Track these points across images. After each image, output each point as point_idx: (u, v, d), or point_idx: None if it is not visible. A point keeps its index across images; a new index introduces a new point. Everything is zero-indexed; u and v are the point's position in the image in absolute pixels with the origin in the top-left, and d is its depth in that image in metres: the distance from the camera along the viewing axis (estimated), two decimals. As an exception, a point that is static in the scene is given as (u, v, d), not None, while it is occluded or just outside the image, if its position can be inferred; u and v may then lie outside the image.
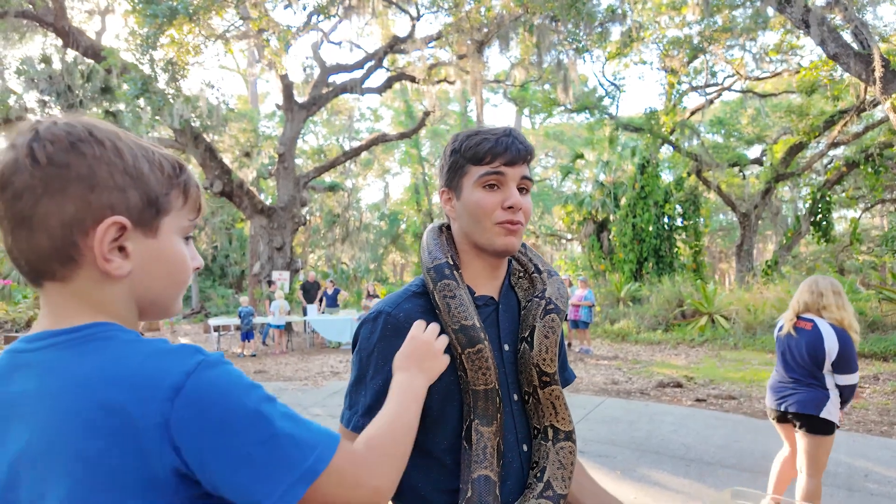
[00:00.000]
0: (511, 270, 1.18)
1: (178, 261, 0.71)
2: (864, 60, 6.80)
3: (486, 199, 1.05)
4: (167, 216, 0.69)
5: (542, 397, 1.06)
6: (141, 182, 0.66)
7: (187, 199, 0.72)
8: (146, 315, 0.72)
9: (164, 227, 0.69)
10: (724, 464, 4.33)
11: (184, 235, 0.73)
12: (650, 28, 14.47)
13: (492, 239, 1.06)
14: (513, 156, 1.04)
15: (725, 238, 30.23)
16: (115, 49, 11.03)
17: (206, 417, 0.59)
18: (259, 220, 14.11)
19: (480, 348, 1.00)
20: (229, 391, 0.61)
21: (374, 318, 1.06)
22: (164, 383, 0.59)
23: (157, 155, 0.70)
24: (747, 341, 10.30)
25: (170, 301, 0.73)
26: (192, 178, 0.74)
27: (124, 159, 0.66)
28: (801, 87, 13.70)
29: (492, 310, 1.12)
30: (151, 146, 0.71)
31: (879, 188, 15.82)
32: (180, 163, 0.72)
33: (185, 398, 0.58)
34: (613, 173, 20.20)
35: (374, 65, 14.59)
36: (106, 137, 0.65)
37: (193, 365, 0.61)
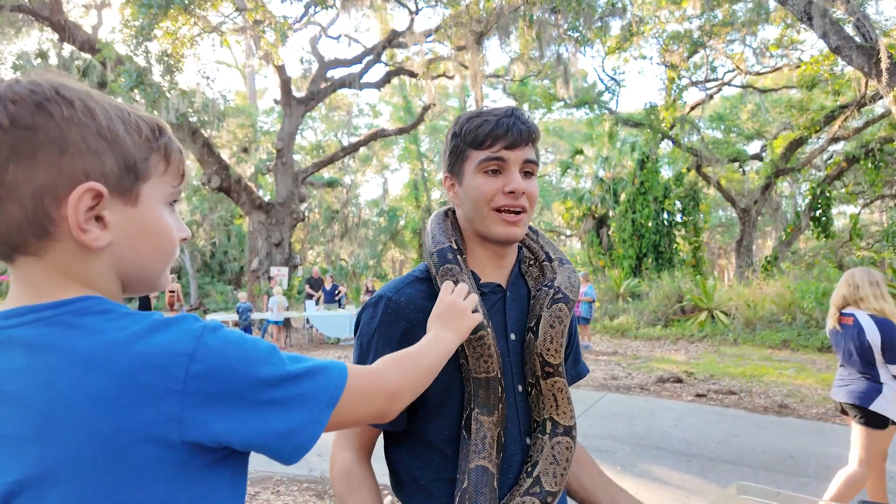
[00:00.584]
0: (521, 258, 1.14)
1: (163, 231, 0.67)
2: (866, 53, 6.75)
3: (485, 185, 1.01)
4: (147, 182, 0.65)
5: (544, 388, 1.01)
6: (117, 145, 0.62)
7: (169, 164, 0.68)
8: (131, 289, 0.68)
9: (145, 194, 0.64)
10: (725, 459, 4.30)
11: (167, 203, 0.68)
12: (650, 22, 14.41)
13: (491, 227, 1.02)
14: (514, 138, 1.00)
15: (724, 234, 30.23)
16: (110, 42, 10.95)
17: (222, 375, 0.58)
18: (257, 215, 14.06)
19: (482, 335, 0.97)
20: (239, 347, 0.61)
21: (375, 303, 1.04)
22: (175, 350, 0.57)
23: (134, 116, 0.65)
24: (747, 337, 10.29)
25: (156, 274, 0.69)
26: (173, 142, 0.69)
27: (97, 120, 0.61)
28: (802, 82, 13.64)
29: (498, 297, 1.08)
30: (127, 107, 0.66)
31: (879, 184, 15.78)
32: (159, 124, 0.68)
33: (199, 361, 0.58)
34: (613, 169, 20.16)
35: (372, 59, 14.51)
36: (76, 97, 0.60)
37: (199, 329, 0.60)
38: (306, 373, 0.65)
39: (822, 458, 4.24)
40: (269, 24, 11.03)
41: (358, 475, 1.01)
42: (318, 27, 15.15)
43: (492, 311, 1.05)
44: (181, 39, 10.83)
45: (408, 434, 1.03)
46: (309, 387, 0.64)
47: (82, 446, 0.55)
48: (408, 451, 1.03)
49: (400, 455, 1.05)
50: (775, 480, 3.82)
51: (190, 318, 0.62)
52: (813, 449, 4.47)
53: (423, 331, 1.01)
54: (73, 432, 0.55)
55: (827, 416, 5.45)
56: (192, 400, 0.57)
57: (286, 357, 0.65)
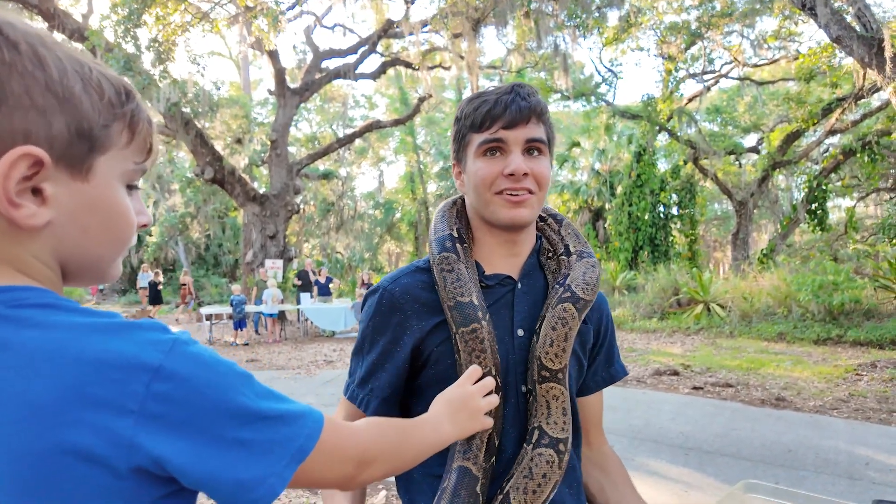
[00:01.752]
0: (541, 248, 1.07)
1: (118, 212, 0.56)
2: (867, 44, 6.68)
3: (484, 168, 0.95)
4: (104, 155, 0.54)
5: (539, 394, 0.94)
6: (70, 105, 0.51)
7: (133, 136, 0.57)
8: (74, 279, 0.57)
9: (100, 168, 0.54)
10: (723, 452, 4.27)
11: (127, 182, 0.58)
12: (648, 13, 14.29)
13: (495, 211, 0.96)
14: (513, 116, 0.93)
15: (720, 227, 30.27)
16: (98, 29, 10.78)
17: (188, 400, 0.49)
18: (251, 207, 13.93)
19: (475, 328, 0.91)
20: (211, 369, 0.52)
21: (374, 293, 1.02)
22: (137, 362, 0.48)
23: (96, 73, 0.54)
24: (743, 329, 10.28)
25: (105, 263, 0.58)
26: (142, 110, 0.58)
27: (47, 71, 0.50)
28: (800, 74, 13.58)
29: (507, 290, 1.01)
30: (90, 61, 0.55)
31: (875, 177, 15.78)
32: (127, 87, 0.57)
33: (163, 379, 0.48)
34: (609, 161, 20.12)
35: (367, 49, 14.35)
36: (23, 39, 0.49)
37: (169, 341, 0.50)
38: (279, 417, 0.55)
39: (821, 452, 4.21)
40: (260, 10, 10.87)
41: None
42: (313, 17, 14.97)
43: (497, 305, 0.99)
44: (171, 27, 10.66)
45: None
46: (280, 433, 0.55)
47: (8, 466, 0.46)
48: None
49: None
50: (774, 474, 3.79)
51: (159, 326, 0.52)
52: (811, 442, 4.44)
53: (416, 321, 0.97)
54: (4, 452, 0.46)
55: (824, 409, 5.43)
56: (148, 424, 0.48)
57: (261, 391, 0.56)
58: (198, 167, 13.34)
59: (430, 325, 0.97)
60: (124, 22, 10.23)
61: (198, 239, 24.01)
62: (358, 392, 1.00)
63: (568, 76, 13.45)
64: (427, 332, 0.97)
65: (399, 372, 0.97)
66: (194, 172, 14.13)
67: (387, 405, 0.99)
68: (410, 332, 0.97)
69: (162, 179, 21.92)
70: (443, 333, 0.97)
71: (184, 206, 22.29)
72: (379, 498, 3.49)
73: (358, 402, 1.00)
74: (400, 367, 0.97)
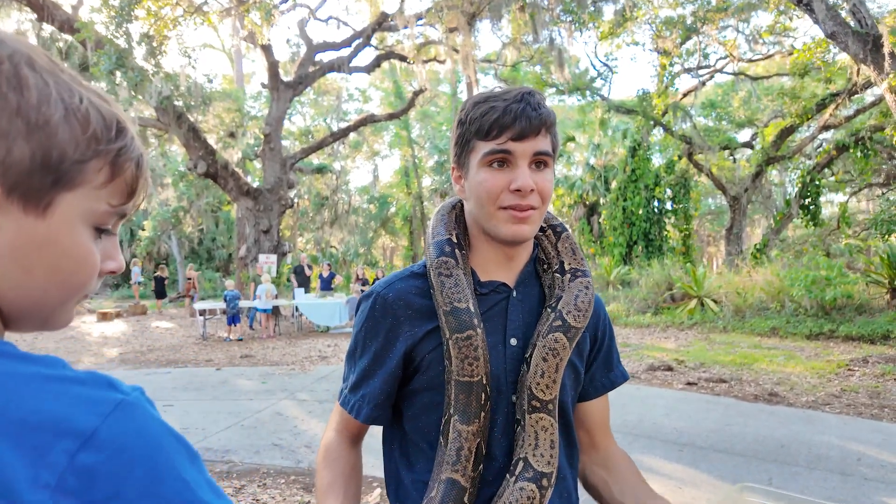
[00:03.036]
0: (537, 258, 1.05)
1: (74, 255, 0.50)
2: (862, 40, 6.68)
3: (490, 181, 0.91)
4: (71, 192, 0.48)
5: (528, 424, 0.91)
6: (41, 133, 0.46)
7: (114, 176, 0.51)
8: (16, 325, 0.51)
9: (62, 205, 0.48)
10: (717, 448, 4.28)
11: (96, 225, 0.51)
12: (643, 8, 14.25)
13: (497, 226, 0.93)
14: (522, 128, 0.89)
15: (714, 222, 30.41)
16: (89, 22, 10.63)
17: (116, 477, 0.42)
18: (245, 202, 13.84)
19: (470, 335, 0.90)
20: (157, 444, 0.44)
21: (368, 297, 1.01)
22: (65, 426, 0.41)
23: (87, 104, 0.49)
24: (736, 324, 10.33)
25: (50, 306, 0.51)
26: (132, 150, 0.52)
27: (24, 94, 0.46)
28: (794, 70, 13.60)
29: (501, 297, 0.99)
30: (88, 91, 0.50)
31: (868, 172, 15.87)
32: (121, 124, 0.52)
33: (93, 449, 0.41)
34: (604, 156, 20.13)
35: (361, 43, 14.24)
36: (6, 58, 0.46)
37: (111, 404, 0.43)
38: None
39: (813, 448, 4.23)
40: (253, 3, 10.74)
41: (336, 451, 1.02)
42: (307, 9, 14.83)
43: (491, 313, 0.97)
44: (163, 20, 10.52)
45: (399, 431, 1.02)
46: None
47: None
48: (397, 448, 1.02)
49: (390, 451, 1.04)
50: (767, 470, 3.81)
51: (104, 382, 0.45)
52: (803, 438, 4.47)
53: (409, 327, 0.96)
54: None
55: (817, 404, 5.47)
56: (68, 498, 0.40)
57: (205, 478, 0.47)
58: (190, 161, 13.23)
59: (423, 331, 0.96)
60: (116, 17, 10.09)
61: (191, 233, 23.87)
62: (350, 398, 1.00)
63: (564, 70, 13.40)
64: (419, 339, 0.96)
65: (391, 378, 0.96)
66: (187, 166, 14.01)
67: (379, 410, 0.98)
68: (403, 338, 0.96)
69: (154, 173, 21.74)
70: (435, 340, 0.95)
71: (177, 201, 22.14)
72: (374, 496, 3.49)
73: (349, 408, 0.99)
74: (391, 372, 0.96)
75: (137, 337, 11.77)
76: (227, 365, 8.37)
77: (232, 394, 6.36)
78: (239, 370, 7.91)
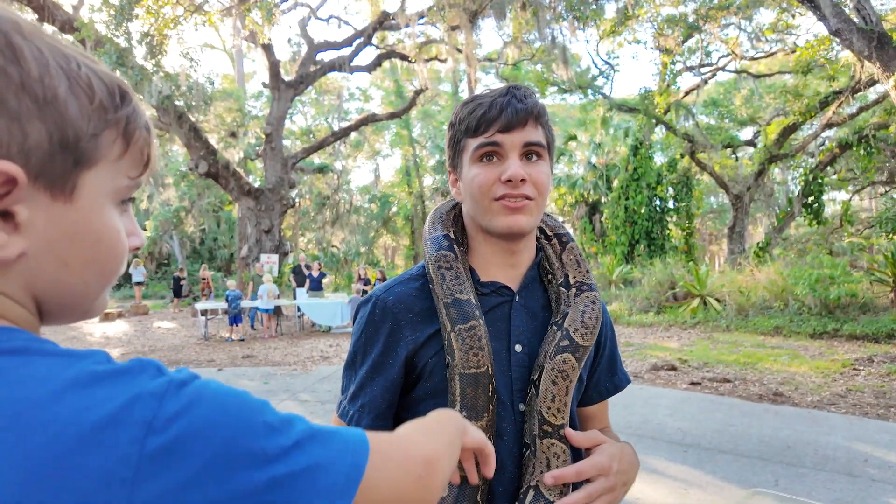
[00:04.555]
0: (540, 265, 1.02)
1: (107, 239, 0.47)
2: (867, 37, 6.64)
3: (481, 175, 0.91)
4: (92, 170, 0.45)
5: (539, 450, 0.89)
6: (51, 109, 0.42)
7: (129, 146, 0.47)
8: (53, 317, 0.48)
9: (87, 186, 0.45)
10: (722, 449, 4.25)
11: (119, 200, 0.48)
12: (645, 6, 14.19)
13: (493, 219, 0.91)
14: (509, 119, 0.89)
15: (716, 220, 30.34)
16: (90, 21, 10.62)
17: (195, 450, 0.40)
18: (246, 202, 13.82)
19: (473, 325, 0.88)
20: (221, 405, 0.42)
21: (367, 302, 0.98)
22: (125, 416, 0.39)
23: (86, 69, 0.45)
24: (739, 323, 10.28)
25: (90, 299, 0.49)
26: (139, 115, 0.49)
27: (24, 66, 0.41)
28: (797, 67, 13.54)
29: (504, 300, 0.96)
30: (79, 55, 0.46)
31: (871, 170, 15.80)
32: (122, 87, 0.48)
33: (161, 432, 0.39)
34: (606, 155, 20.08)
35: (363, 42, 14.22)
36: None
37: (162, 385, 0.41)
38: (312, 438, 0.46)
39: (819, 448, 4.20)
40: (254, 3, 10.72)
41: None
42: (308, 8, 14.80)
43: (493, 316, 0.94)
44: (164, 20, 10.50)
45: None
46: (321, 455, 0.45)
47: None
48: None
49: None
50: (773, 471, 3.77)
51: (150, 367, 0.43)
52: (809, 438, 4.43)
53: (410, 331, 0.93)
54: None
55: (822, 404, 5.43)
56: (150, 487, 0.38)
57: (283, 417, 0.46)
58: (192, 161, 13.22)
59: (425, 335, 0.93)
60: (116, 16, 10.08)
61: (192, 233, 23.87)
62: (349, 408, 0.95)
63: (568, 68, 13.34)
64: (421, 343, 0.92)
65: (392, 385, 0.93)
66: (188, 166, 14.00)
67: (380, 421, 0.93)
68: (404, 343, 0.92)
69: (156, 173, 21.75)
70: (437, 344, 0.92)
71: (178, 200, 22.14)
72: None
73: (348, 419, 0.94)
74: (393, 379, 0.92)
75: (139, 337, 11.77)
76: (228, 365, 8.36)
77: (234, 394, 6.34)
78: (241, 370, 7.90)
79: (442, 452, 0.58)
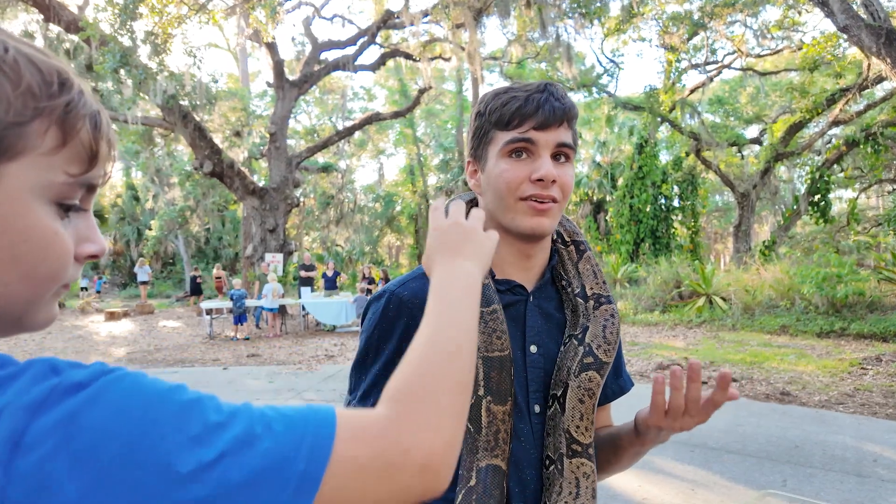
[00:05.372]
0: (555, 270, 1.00)
1: (33, 238, 0.41)
2: (875, 33, 6.58)
3: (510, 171, 0.88)
4: (15, 161, 0.40)
5: (567, 470, 0.87)
6: None
7: (67, 139, 0.42)
8: None
9: (9, 178, 0.40)
10: (729, 449, 4.22)
11: (56, 200, 0.43)
12: (650, 3, 14.13)
13: (516, 219, 0.89)
14: (546, 116, 0.86)
15: (722, 219, 30.19)
16: (94, 21, 10.65)
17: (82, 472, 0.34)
18: (251, 201, 13.85)
19: (496, 309, 0.87)
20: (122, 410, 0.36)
21: (379, 298, 0.95)
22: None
23: (14, 53, 0.41)
24: (745, 322, 10.23)
25: (20, 306, 0.43)
26: (85, 105, 0.44)
27: None
28: (803, 64, 13.44)
29: (518, 300, 0.95)
30: (12, 40, 0.42)
31: (879, 168, 15.68)
32: (62, 74, 0.43)
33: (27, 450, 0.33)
34: (611, 153, 20.01)
35: (367, 41, 14.21)
36: None
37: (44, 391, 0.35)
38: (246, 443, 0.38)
39: (827, 448, 4.16)
40: (258, 1, 10.72)
41: None
42: (312, 8, 14.81)
43: (507, 314, 0.93)
44: (168, 19, 10.52)
45: None
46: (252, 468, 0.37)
47: None
48: None
49: None
50: (781, 471, 3.74)
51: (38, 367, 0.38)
52: (817, 438, 4.40)
53: None
54: None
55: (830, 403, 5.39)
56: None
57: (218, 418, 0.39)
58: (196, 160, 13.25)
59: None
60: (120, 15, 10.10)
61: (197, 232, 23.95)
62: (359, 407, 0.94)
63: (572, 66, 13.30)
64: None
65: None
66: (193, 166, 14.04)
67: None
68: None
69: (161, 173, 21.83)
70: None
71: (183, 200, 22.22)
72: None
73: None
74: None
75: (145, 336, 11.81)
76: (233, 364, 8.38)
77: (239, 393, 6.35)
78: (246, 369, 7.91)
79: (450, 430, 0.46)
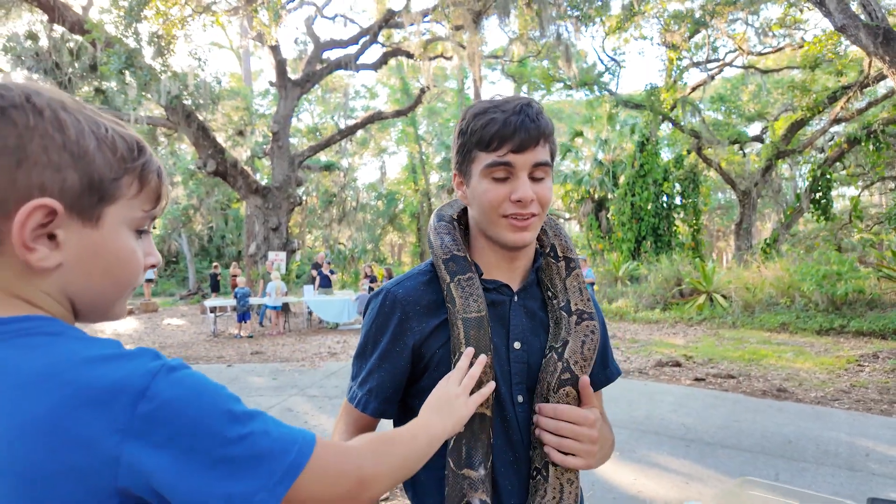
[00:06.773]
0: (542, 280, 1.08)
1: (123, 257, 0.63)
2: (873, 32, 6.61)
3: (492, 192, 0.95)
4: (114, 204, 0.61)
5: (552, 477, 0.93)
6: (83, 161, 0.58)
7: (143, 187, 0.64)
8: (83, 317, 0.64)
9: (109, 216, 0.61)
10: (724, 444, 4.29)
11: (136, 228, 0.65)
12: (651, 2, 14.14)
13: (500, 233, 0.98)
14: (522, 140, 0.92)
15: (723, 216, 30.17)
16: (99, 22, 10.73)
17: (170, 420, 0.53)
18: (254, 200, 13.94)
19: (471, 276, 0.97)
20: (197, 391, 0.56)
21: (377, 295, 1.04)
22: (124, 385, 0.52)
23: (112, 132, 0.62)
24: (746, 320, 10.28)
25: (109, 303, 0.65)
26: (153, 163, 0.65)
27: (66, 133, 0.58)
28: (805, 62, 13.45)
29: (504, 298, 1.02)
30: (108, 121, 0.62)
31: (880, 165, 15.68)
32: (140, 144, 0.64)
33: (149, 400, 0.53)
34: (612, 151, 20.01)
35: (368, 40, 14.27)
36: (46, 106, 0.57)
37: (155, 368, 0.55)
38: (266, 433, 0.59)
39: (821, 444, 4.23)
40: (262, 4, 10.79)
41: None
42: (314, 7, 14.87)
43: (493, 312, 1.00)
44: (172, 20, 10.60)
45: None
46: (269, 449, 0.58)
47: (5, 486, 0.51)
48: None
49: None
50: (774, 465, 3.82)
51: (149, 354, 0.57)
52: (811, 434, 4.46)
53: (416, 323, 0.99)
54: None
55: (825, 400, 5.45)
56: (134, 442, 0.52)
57: (250, 411, 0.60)
58: (200, 160, 13.34)
59: (431, 326, 0.98)
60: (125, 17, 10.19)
61: (200, 231, 24.07)
62: (357, 392, 1.01)
63: (572, 65, 13.34)
64: (428, 334, 0.98)
65: (399, 372, 0.98)
66: (196, 165, 14.14)
67: (387, 404, 0.99)
68: (411, 333, 0.98)
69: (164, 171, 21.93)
70: (443, 335, 0.98)
71: (186, 199, 22.33)
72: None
73: (356, 402, 1.00)
74: (401, 367, 0.98)
75: (149, 334, 11.92)
76: (237, 361, 8.47)
77: (243, 390, 6.44)
78: (250, 367, 8.00)
79: (385, 472, 0.70)
